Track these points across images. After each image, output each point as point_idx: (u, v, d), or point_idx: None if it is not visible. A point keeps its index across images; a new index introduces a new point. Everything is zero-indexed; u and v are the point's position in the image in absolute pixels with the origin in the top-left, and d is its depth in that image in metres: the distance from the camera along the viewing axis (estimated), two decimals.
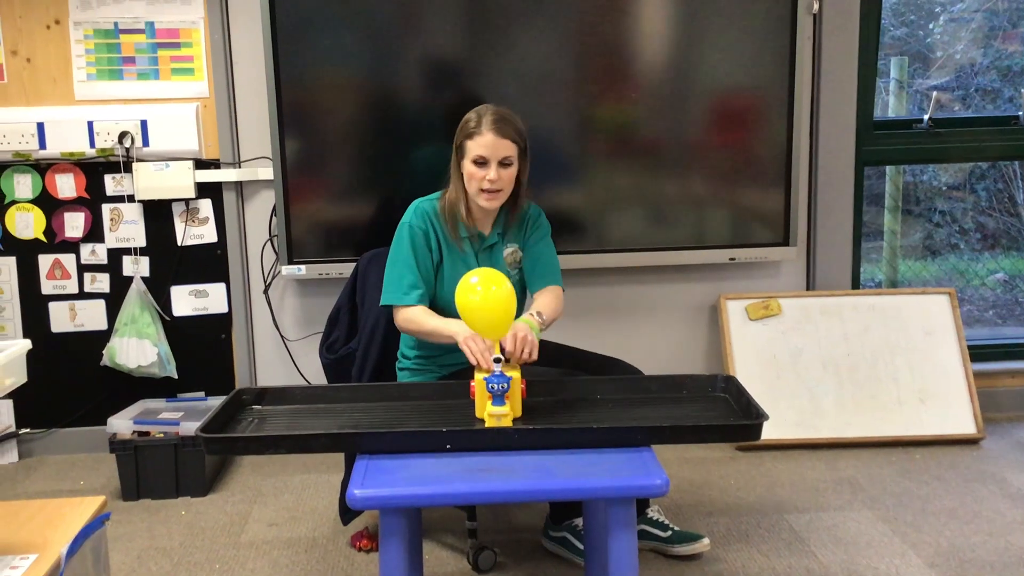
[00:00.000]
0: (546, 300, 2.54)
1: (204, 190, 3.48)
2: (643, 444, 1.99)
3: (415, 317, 2.47)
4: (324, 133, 3.35)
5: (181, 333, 3.54)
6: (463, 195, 2.53)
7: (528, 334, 2.24)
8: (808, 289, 3.73)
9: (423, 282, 2.51)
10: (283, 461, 3.46)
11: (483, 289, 2.12)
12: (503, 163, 2.45)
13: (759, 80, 3.45)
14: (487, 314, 2.13)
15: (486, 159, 2.44)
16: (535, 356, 2.24)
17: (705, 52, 3.41)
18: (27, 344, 1.88)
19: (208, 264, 3.53)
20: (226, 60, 3.42)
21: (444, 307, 2.51)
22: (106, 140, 3.36)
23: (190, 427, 3.17)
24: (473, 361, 2.17)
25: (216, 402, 2.66)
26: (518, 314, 2.45)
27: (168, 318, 3.53)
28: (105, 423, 3.25)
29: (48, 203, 3.45)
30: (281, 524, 2.94)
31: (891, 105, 3.99)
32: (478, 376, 2.09)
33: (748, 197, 3.53)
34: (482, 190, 2.47)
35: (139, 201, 3.44)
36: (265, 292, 3.58)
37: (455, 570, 2.62)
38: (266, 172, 3.43)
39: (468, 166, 2.47)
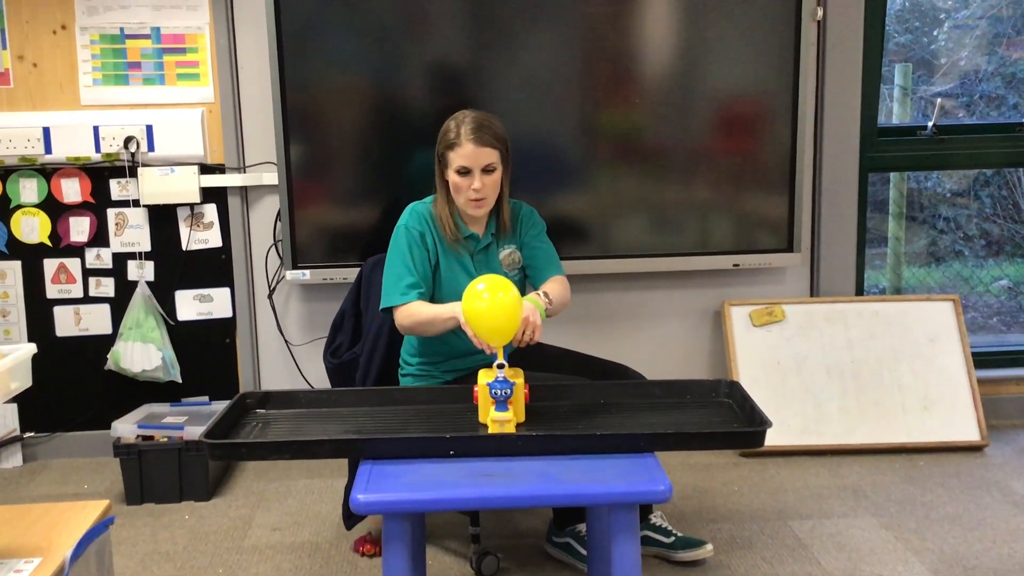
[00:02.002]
0: (552, 285, 2.55)
1: (209, 195, 3.49)
2: (646, 450, 1.99)
3: (413, 310, 2.47)
4: (329, 138, 3.36)
5: (185, 337, 3.54)
6: (451, 202, 2.55)
7: (532, 315, 2.25)
8: (812, 295, 3.73)
9: (422, 282, 2.51)
10: (286, 466, 3.47)
11: (490, 296, 2.12)
12: (486, 170, 2.46)
13: (763, 87, 3.45)
14: (494, 320, 2.13)
15: (469, 169, 2.45)
16: (537, 337, 2.26)
17: (709, 59, 3.42)
18: (32, 348, 1.89)
19: (213, 269, 3.54)
20: (231, 65, 3.43)
21: None
22: (112, 145, 3.37)
23: (194, 431, 3.17)
24: (477, 344, 2.18)
25: (220, 407, 2.66)
26: None
27: (172, 322, 3.53)
28: (109, 427, 3.26)
29: (53, 207, 3.46)
30: (284, 529, 2.95)
31: (895, 112, 3.99)
32: (482, 382, 2.09)
33: (752, 203, 3.53)
34: (469, 199, 2.48)
35: (144, 206, 3.45)
36: (269, 297, 3.59)
37: (458, 575, 2.62)
38: (271, 177, 3.44)
39: (452, 176, 2.48)
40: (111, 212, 3.48)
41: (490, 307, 2.11)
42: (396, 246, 2.55)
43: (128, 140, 3.36)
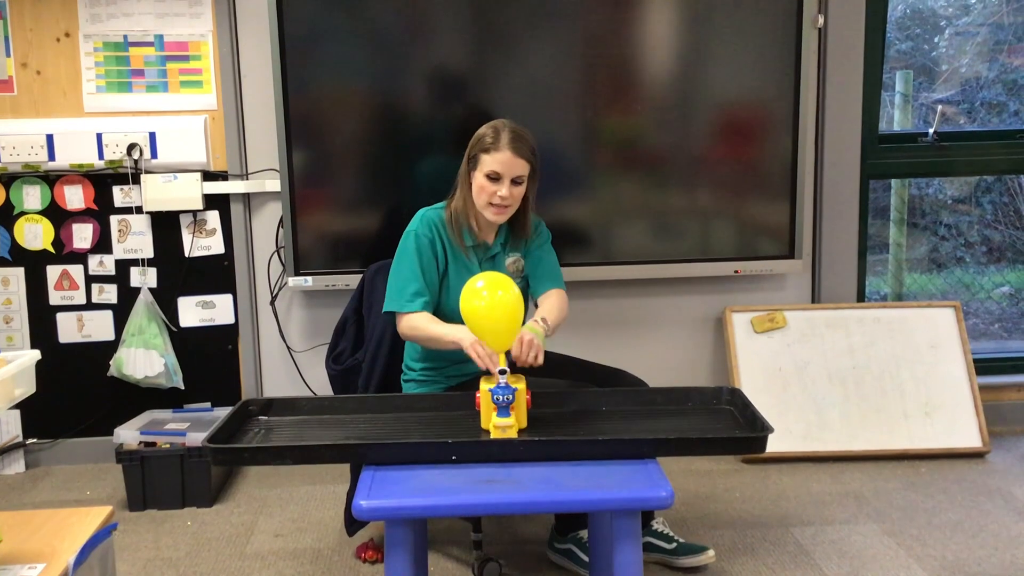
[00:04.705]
0: (550, 304, 2.56)
1: (212, 202, 3.50)
2: (648, 456, 1.99)
3: (418, 323, 2.48)
4: (331, 145, 3.37)
5: (188, 344, 3.55)
6: (471, 205, 2.54)
7: (534, 338, 2.25)
8: (813, 302, 3.73)
9: (428, 290, 2.52)
10: (289, 472, 3.47)
11: (489, 294, 2.11)
12: (515, 181, 2.47)
13: (764, 94, 3.46)
14: (493, 321, 2.12)
15: (500, 175, 2.45)
16: (541, 360, 2.25)
17: (711, 66, 3.42)
18: (36, 355, 1.90)
19: (215, 275, 3.55)
20: (234, 73, 3.44)
21: (449, 316, 2.52)
22: (115, 152, 3.38)
23: (196, 438, 3.17)
24: (482, 366, 2.18)
25: (222, 413, 2.67)
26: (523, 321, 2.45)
27: (175, 329, 3.54)
28: (112, 433, 3.26)
29: (57, 214, 3.47)
30: (286, 535, 2.95)
31: (896, 119, 3.99)
32: (483, 387, 2.09)
33: (754, 210, 3.53)
34: (491, 204, 2.48)
35: (147, 212, 3.46)
36: (272, 303, 3.59)
37: None
38: (273, 184, 3.45)
39: (480, 178, 2.48)
40: (114, 219, 3.49)
41: (489, 306, 2.11)
42: (404, 251, 2.55)
43: (131, 147, 3.38)
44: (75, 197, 3.46)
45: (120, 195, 3.47)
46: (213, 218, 3.51)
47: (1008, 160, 3.84)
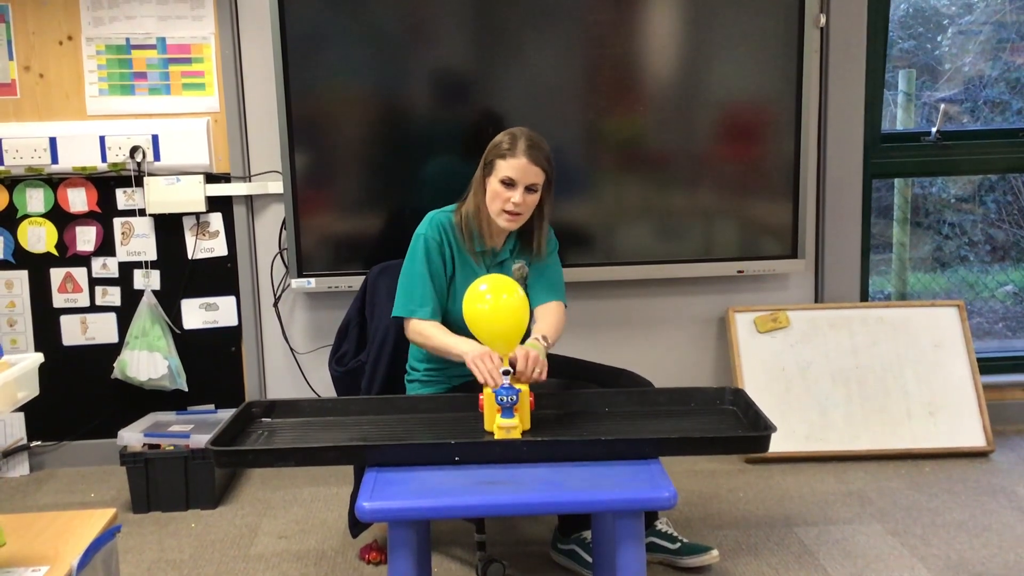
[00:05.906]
0: (549, 321, 2.55)
1: (214, 204, 3.50)
2: (651, 456, 1.99)
3: (426, 331, 2.48)
4: (334, 147, 3.37)
5: (191, 346, 3.55)
6: (484, 209, 2.54)
7: (539, 355, 2.25)
8: (817, 302, 3.73)
9: (436, 295, 2.52)
10: (292, 474, 3.47)
11: (493, 298, 2.11)
12: (529, 188, 2.46)
13: (767, 93, 3.46)
14: (497, 325, 2.12)
15: (514, 181, 2.45)
16: (544, 376, 2.24)
17: (713, 66, 3.42)
18: (39, 357, 1.90)
19: (218, 277, 3.55)
20: (236, 75, 3.45)
21: (455, 320, 2.51)
22: (118, 155, 3.38)
23: (200, 440, 3.18)
24: (481, 380, 2.18)
25: (226, 415, 2.67)
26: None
27: (178, 331, 3.54)
28: (116, 436, 3.27)
29: (60, 217, 3.47)
30: (290, 537, 2.95)
31: (899, 118, 3.99)
32: (487, 389, 2.09)
33: (756, 210, 3.53)
34: (504, 211, 2.48)
35: (150, 215, 3.47)
36: (275, 305, 3.59)
37: None
38: (276, 186, 3.45)
39: (494, 184, 2.48)
40: (117, 221, 3.49)
41: (493, 309, 2.10)
42: (414, 254, 2.55)
43: (134, 150, 3.38)
44: (78, 200, 3.47)
45: (123, 198, 3.47)
46: (216, 220, 3.52)
47: (1011, 159, 3.83)
